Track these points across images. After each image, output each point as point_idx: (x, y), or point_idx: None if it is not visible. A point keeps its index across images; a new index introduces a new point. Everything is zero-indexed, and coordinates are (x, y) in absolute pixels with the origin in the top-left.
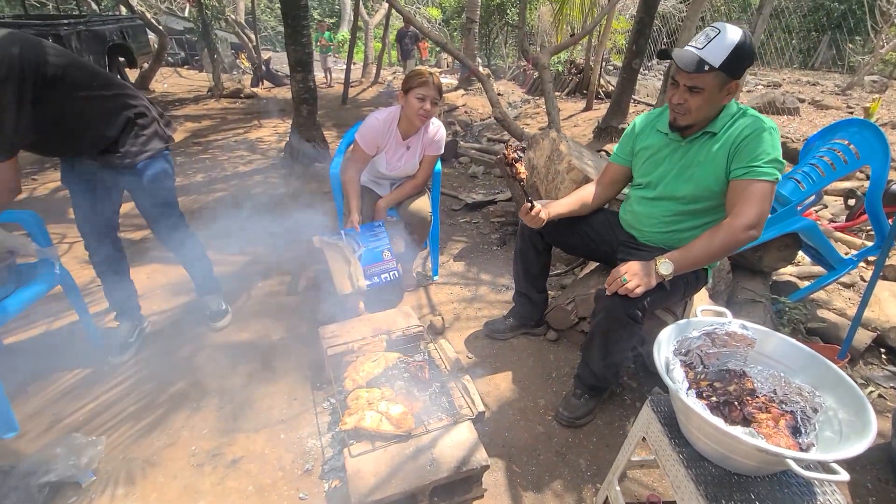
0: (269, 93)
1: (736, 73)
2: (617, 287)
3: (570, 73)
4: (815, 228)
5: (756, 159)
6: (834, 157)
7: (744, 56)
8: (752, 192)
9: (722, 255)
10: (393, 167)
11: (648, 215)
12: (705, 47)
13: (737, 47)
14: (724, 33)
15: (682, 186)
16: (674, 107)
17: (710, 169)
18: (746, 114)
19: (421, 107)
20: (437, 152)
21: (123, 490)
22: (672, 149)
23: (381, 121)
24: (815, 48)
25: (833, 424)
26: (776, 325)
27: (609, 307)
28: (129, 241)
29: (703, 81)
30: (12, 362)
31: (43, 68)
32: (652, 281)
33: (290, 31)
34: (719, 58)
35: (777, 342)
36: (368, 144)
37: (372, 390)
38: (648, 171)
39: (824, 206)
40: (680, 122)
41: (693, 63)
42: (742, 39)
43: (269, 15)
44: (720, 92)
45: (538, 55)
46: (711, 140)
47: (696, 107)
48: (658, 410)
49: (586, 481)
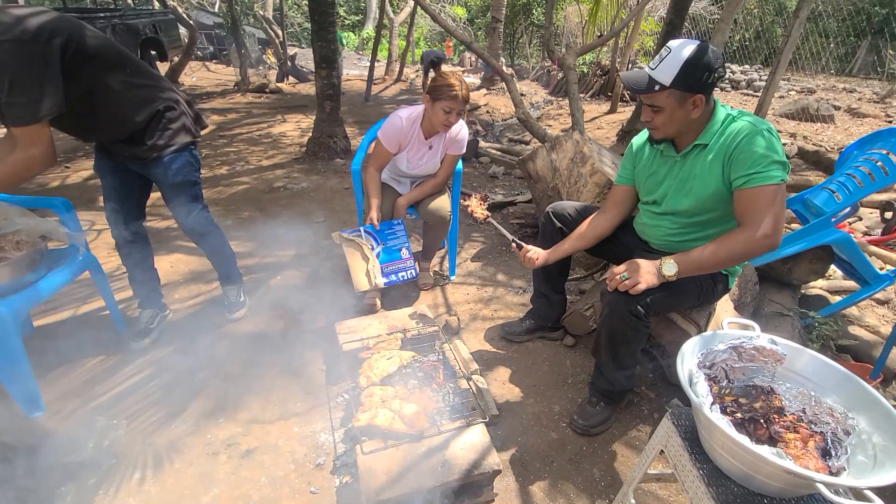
0: (293, 88)
1: (693, 87)
2: (616, 283)
3: (596, 74)
4: (850, 241)
5: (755, 164)
6: (873, 168)
7: (697, 70)
8: (760, 199)
9: (732, 262)
10: (414, 166)
11: (657, 227)
12: (657, 67)
13: (686, 63)
14: (675, 51)
15: (683, 200)
16: (645, 124)
17: (708, 180)
18: (737, 119)
19: (447, 119)
20: (459, 151)
21: (141, 474)
22: (670, 165)
23: (405, 119)
24: (852, 53)
25: (867, 449)
26: (804, 341)
27: (612, 303)
28: (154, 230)
29: (659, 100)
30: (41, 344)
31: (79, 41)
32: (653, 279)
33: (317, 28)
34: (669, 76)
35: (808, 359)
36: (391, 143)
37: (386, 388)
38: (652, 189)
39: (859, 219)
40: (654, 137)
41: (642, 83)
42: (693, 54)
43: (297, 11)
44: (682, 108)
45: (564, 55)
46: (704, 151)
47: (661, 124)
48: (678, 424)
49: (600, 492)
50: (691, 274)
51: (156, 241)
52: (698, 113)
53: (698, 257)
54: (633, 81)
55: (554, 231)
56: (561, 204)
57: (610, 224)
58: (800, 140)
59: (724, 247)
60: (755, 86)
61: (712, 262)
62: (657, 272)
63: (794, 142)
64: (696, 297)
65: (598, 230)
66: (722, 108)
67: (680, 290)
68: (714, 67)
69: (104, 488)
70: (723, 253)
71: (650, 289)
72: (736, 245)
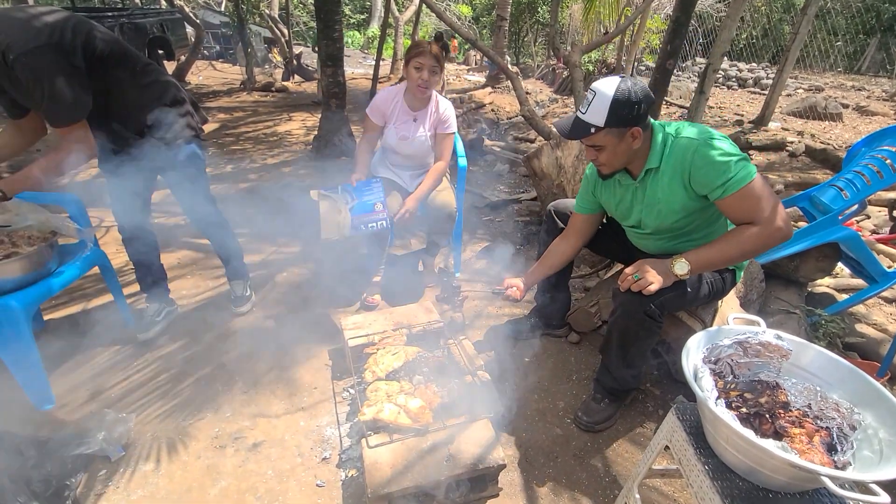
0: (299, 87)
1: (627, 122)
2: (629, 284)
3: (601, 72)
4: (858, 239)
5: (723, 172)
6: (881, 165)
7: (624, 106)
8: (749, 199)
9: (745, 258)
10: (402, 137)
11: (647, 243)
12: (587, 111)
13: (613, 102)
14: (599, 93)
15: (660, 221)
16: (591, 161)
17: (673, 201)
18: (677, 136)
19: (419, 76)
20: (449, 130)
21: (150, 466)
22: (632, 192)
23: (387, 92)
24: (861, 51)
25: (872, 443)
26: (811, 338)
27: (625, 304)
28: (163, 227)
29: (598, 140)
30: (51, 338)
31: (92, 40)
32: (666, 279)
33: (322, 27)
34: (601, 117)
35: (814, 355)
36: (375, 115)
37: (391, 383)
38: (625, 214)
39: (866, 217)
40: (603, 173)
41: (578, 130)
42: (616, 94)
43: (302, 10)
44: (622, 142)
45: (569, 53)
46: (658, 174)
47: (607, 160)
48: (683, 419)
49: (604, 487)
50: (703, 270)
51: (163, 237)
52: (639, 143)
53: (710, 255)
54: (568, 129)
55: (556, 231)
56: (564, 202)
57: (573, 250)
58: (807, 138)
59: (737, 243)
60: (762, 84)
61: (724, 258)
62: (669, 272)
63: (801, 140)
64: (707, 293)
65: (563, 257)
66: (659, 129)
67: (691, 288)
68: (639, 100)
69: (114, 480)
70: (734, 250)
71: (662, 288)
72: (748, 241)
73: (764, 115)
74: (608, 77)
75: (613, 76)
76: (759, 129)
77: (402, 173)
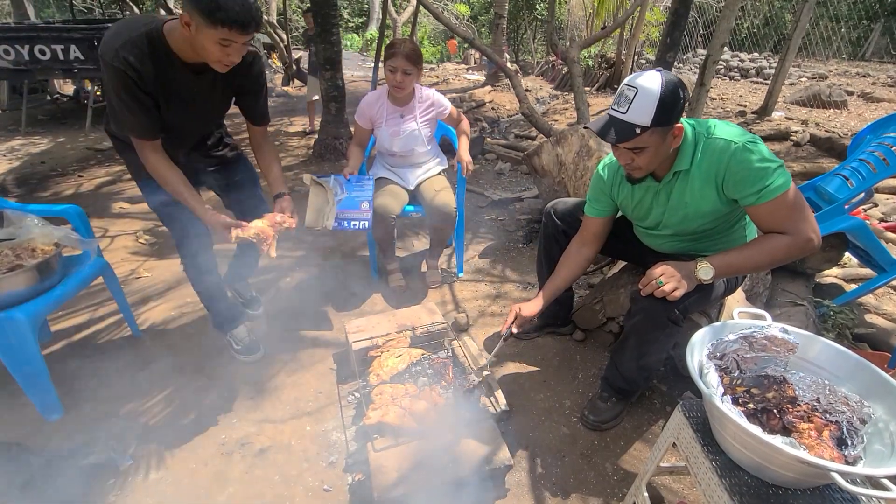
0: (299, 91)
1: (672, 119)
2: (652, 289)
3: (601, 67)
4: (865, 228)
5: (759, 180)
6: (887, 152)
7: (672, 103)
8: (783, 208)
9: (772, 265)
10: (393, 133)
11: (661, 243)
12: (629, 110)
13: (661, 101)
14: (643, 89)
15: (685, 224)
16: (623, 166)
17: (706, 203)
18: (709, 137)
19: (394, 78)
20: (448, 109)
21: (158, 474)
22: (653, 193)
23: (371, 95)
24: (865, 37)
25: (884, 437)
26: (819, 330)
27: (647, 309)
28: (162, 234)
29: (642, 141)
30: (58, 348)
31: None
32: (691, 284)
33: (320, 31)
34: (647, 116)
35: (821, 347)
36: (363, 119)
37: (396, 386)
38: (643, 216)
39: (874, 205)
40: (636, 177)
41: (622, 133)
42: (662, 90)
43: (300, 15)
44: (665, 142)
45: (568, 49)
46: (687, 177)
47: (646, 163)
48: (690, 416)
49: (612, 486)
50: (726, 276)
51: (167, 244)
52: (679, 141)
53: (738, 261)
54: (609, 132)
55: (557, 233)
56: (563, 201)
57: (594, 254)
58: (812, 127)
59: (768, 252)
60: (765, 73)
61: (752, 266)
62: (693, 276)
63: (805, 129)
64: (722, 292)
65: (586, 263)
66: (688, 127)
67: (712, 289)
68: (684, 94)
69: (122, 489)
70: (764, 258)
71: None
72: (778, 250)
73: (767, 104)
74: (645, 71)
75: (649, 70)
76: (763, 120)
77: (400, 171)
